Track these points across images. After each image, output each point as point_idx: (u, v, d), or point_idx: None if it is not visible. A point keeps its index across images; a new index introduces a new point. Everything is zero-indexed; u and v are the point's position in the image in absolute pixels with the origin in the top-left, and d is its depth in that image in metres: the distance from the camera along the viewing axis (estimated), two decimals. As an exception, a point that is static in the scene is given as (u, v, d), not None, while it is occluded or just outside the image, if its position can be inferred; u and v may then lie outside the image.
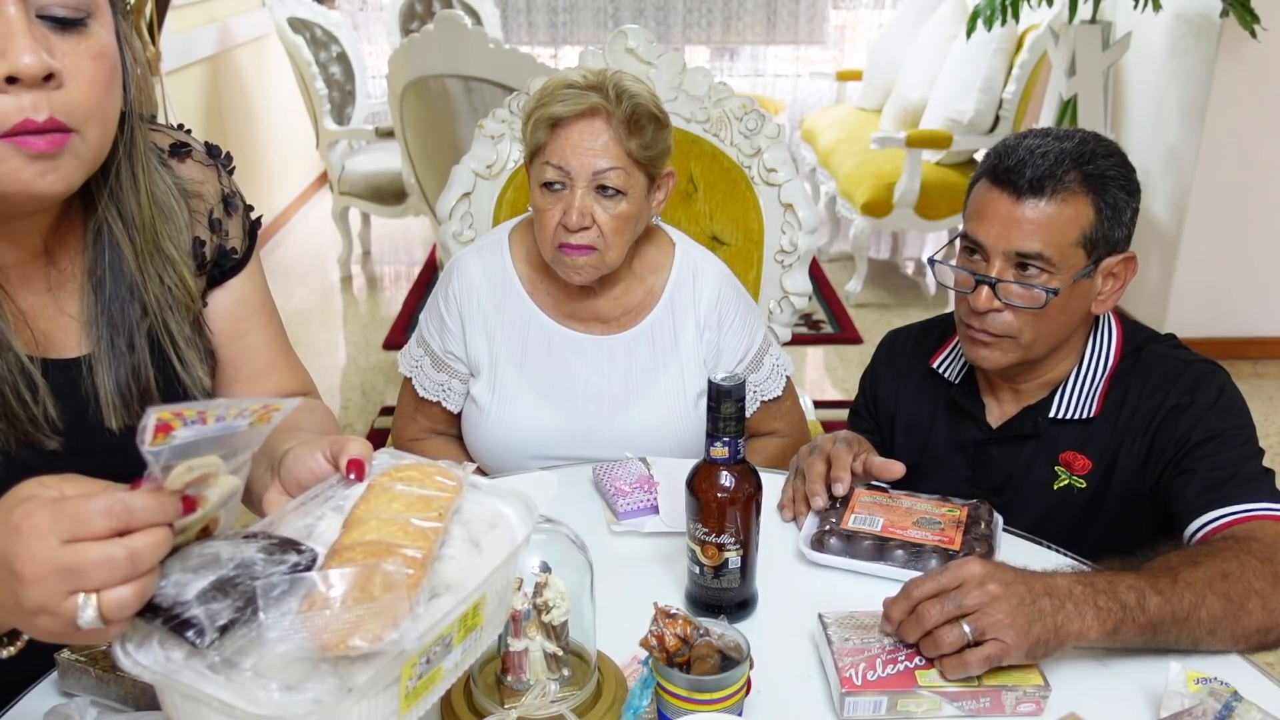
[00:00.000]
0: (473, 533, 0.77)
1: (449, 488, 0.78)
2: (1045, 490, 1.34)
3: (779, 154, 1.82)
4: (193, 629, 0.63)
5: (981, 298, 1.25)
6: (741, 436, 1.04)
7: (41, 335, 0.93)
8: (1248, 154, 3.54)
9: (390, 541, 0.70)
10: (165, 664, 0.64)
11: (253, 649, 0.65)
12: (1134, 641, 1.00)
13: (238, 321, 1.09)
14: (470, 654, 0.75)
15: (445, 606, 0.69)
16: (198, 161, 1.05)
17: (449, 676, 0.72)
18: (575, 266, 1.43)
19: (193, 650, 0.64)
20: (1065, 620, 0.96)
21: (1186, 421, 1.24)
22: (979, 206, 1.27)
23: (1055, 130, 1.28)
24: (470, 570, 0.73)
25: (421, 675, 0.69)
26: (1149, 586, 1.00)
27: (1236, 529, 1.13)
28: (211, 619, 0.64)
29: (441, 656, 0.70)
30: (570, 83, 1.40)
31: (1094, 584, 0.99)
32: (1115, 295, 1.31)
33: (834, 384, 3.66)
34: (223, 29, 4.43)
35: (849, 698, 0.95)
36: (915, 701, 0.95)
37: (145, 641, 0.65)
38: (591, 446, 1.50)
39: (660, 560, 1.22)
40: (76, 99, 0.80)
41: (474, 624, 0.73)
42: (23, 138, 0.77)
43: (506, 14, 5.74)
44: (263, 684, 0.63)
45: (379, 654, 0.64)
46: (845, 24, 6.05)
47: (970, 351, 1.32)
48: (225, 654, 0.64)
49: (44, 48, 0.77)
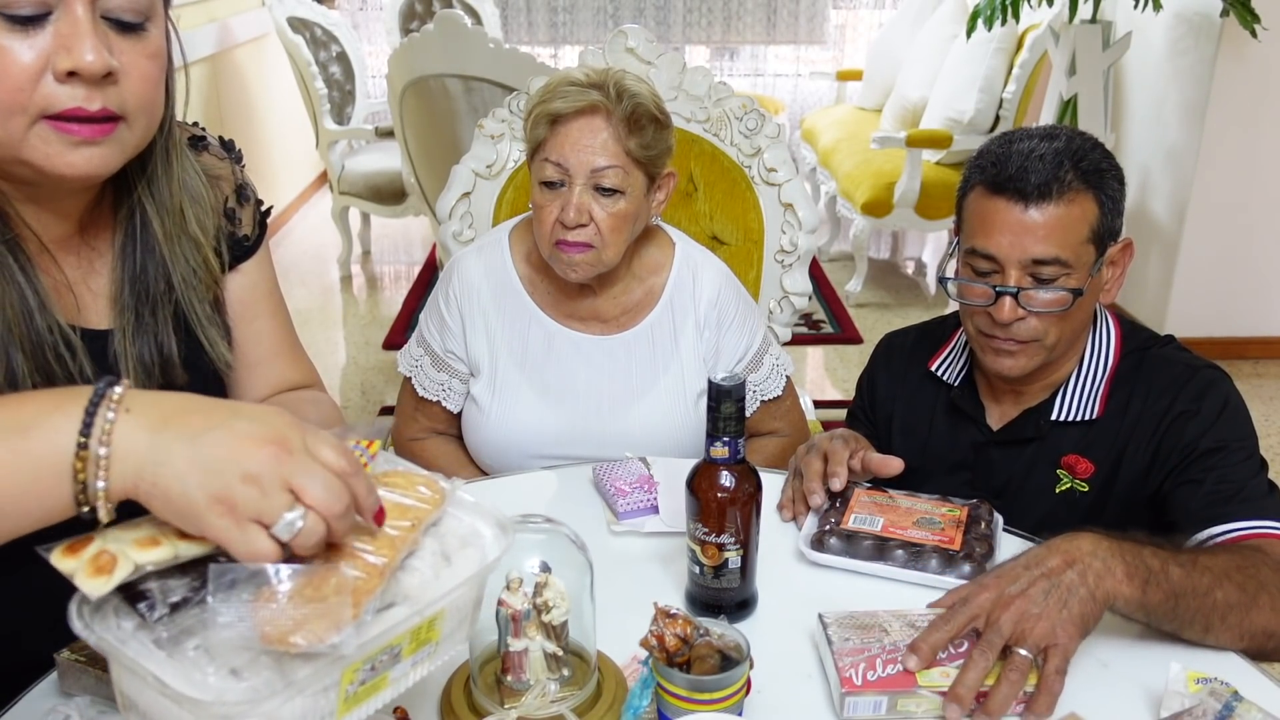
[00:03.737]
0: (445, 547, 0.77)
1: (428, 499, 0.77)
2: (1047, 494, 1.34)
3: (779, 154, 1.82)
4: (145, 601, 0.64)
5: (1005, 309, 1.23)
6: (741, 436, 1.04)
7: (78, 305, 0.99)
8: (1248, 154, 3.54)
9: (354, 545, 0.70)
10: (115, 632, 0.65)
11: (200, 630, 0.65)
12: (1160, 609, 1.00)
13: (247, 306, 1.14)
14: (421, 667, 0.74)
15: (397, 617, 0.69)
16: (214, 155, 1.11)
17: (395, 685, 0.72)
18: (572, 264, 1.43)
19: (141, 623, 0.65)
20: (1097, 580, 0.96)
21: (1193, 430, 1.24)
22: (984, 218, 1.25)
23: (1035, 130, 1.27)
24: (433, 584, 0.73)
25: (364, 681, 0.68)
26: (1171, 558, 1.01)
27: (1243, 545, 1.13)
28: (164, 594, 0.65)
29: (388, 666, 0.70)
30: (572, 80, 1.40)
31: (1119, 544, 1.00)
32: (1118, 283, 1.31)
33: (834, 384, 3.66)
34: (223, 28, 4.43)
35: (849, 698, 0.95)
36: (915, 701, 0.95)
37: (102, 608, 0.66)
38: (591, 446, 1.50)
39: (660, 560, 1.22)
40: (129, 93, 0.86)
41: (428, 638, 0.73)
42: (69, 124, 0.83)
43: (506, 14, 5.74)
44: (202, 666, 0.64)
45: (319, 655, 0.64)
46: (845, 24, 6.05)
47: (993, 363, 1.30)
48: (173, 631, 0.65)
49: (106, 47, 0.82)
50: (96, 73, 0.82)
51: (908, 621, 1.02)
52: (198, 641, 0.65)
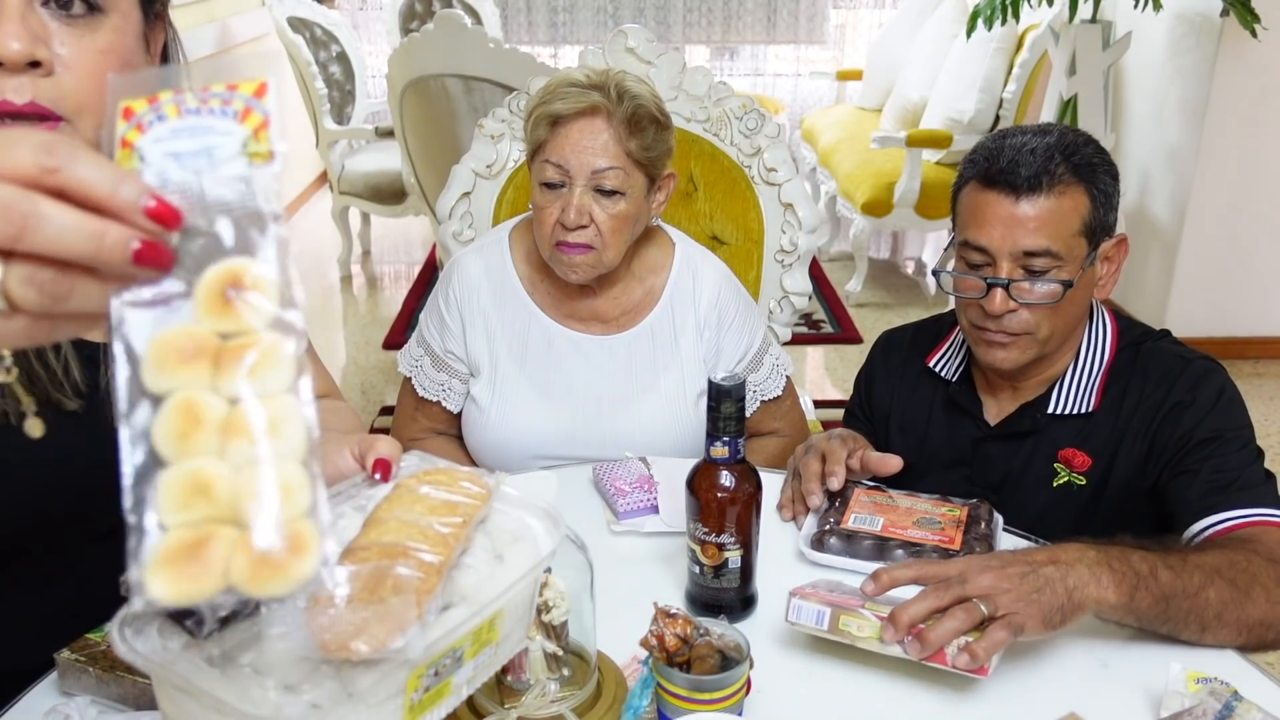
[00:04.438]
0: (496, 544, 0.73)
1: (476, 495, 0.74)
2: (1044, 488, 1.34)
3: (779, 153, 1.82)
4: (192, 618, 0.61)
5: (996, 301, 1.25)
6: (741, 436, 1.04)
7: None
8: (1248, 154, 3.54)
9: (407, 544, 0.65)
10: (162, 653, 0.61)
11: (252, 644, 0.62)
12: (1149, 613, 1.00)
13: None
14: (484, 670, 0.71)
15: (459, 618, 0.65)
16: None
17: (459, 692, 0.69)
18: (572, 265, 1.43)
19: (190, 641, 0.61)
20: (1078, 583, 0.97)
21: (1188, 420, 1.25)
22: (977, 211, 1.27)
23: (1029, 127, 1.29)
24: (489, 582, 0.69)
25: (429, 688, 0.65)
26: (1160, 561, 1.01)
27: (1239, 533, 1.13)
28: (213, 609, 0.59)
29: (451, 670, 0.66)
30: (573, 81, 1.40)
31: (1106, 551, 1.00)
32: (1113, 278, 1.32)
33: (834, 384, 3.66)
34: (222, 28, 4.43)
35: (794, 600, 1.00)
36: (858, 623, 0.97)
37: (144, 628, 0.62)
38: (591, 446, 1.50)
39: (660, 560, 1.22)
40: (68, 88, 0.77)
41: (489, 639, 0.70)
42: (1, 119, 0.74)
43: (506, 14, 5.74)
44: (260, 682, 0.60)
45: (382, 661, 0.60)
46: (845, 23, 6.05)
47: (987, 355, 1.31)
48: (224, 647, 0.62)
49: (39, 35, 0.75)
50: (18, 61, 0.73)
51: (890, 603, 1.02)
52: (251, 656, 0.61)
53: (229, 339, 0.47)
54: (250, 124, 0.49)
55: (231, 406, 0.47)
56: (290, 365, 0.48)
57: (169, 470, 0.47)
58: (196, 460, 0.46)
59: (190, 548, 0.46)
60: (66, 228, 0.45)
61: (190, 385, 0.47)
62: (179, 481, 0.46)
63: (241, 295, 0.47)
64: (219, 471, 0.46)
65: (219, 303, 0.47)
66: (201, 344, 0.47)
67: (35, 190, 0.45)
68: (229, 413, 0.47)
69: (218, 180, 0.49)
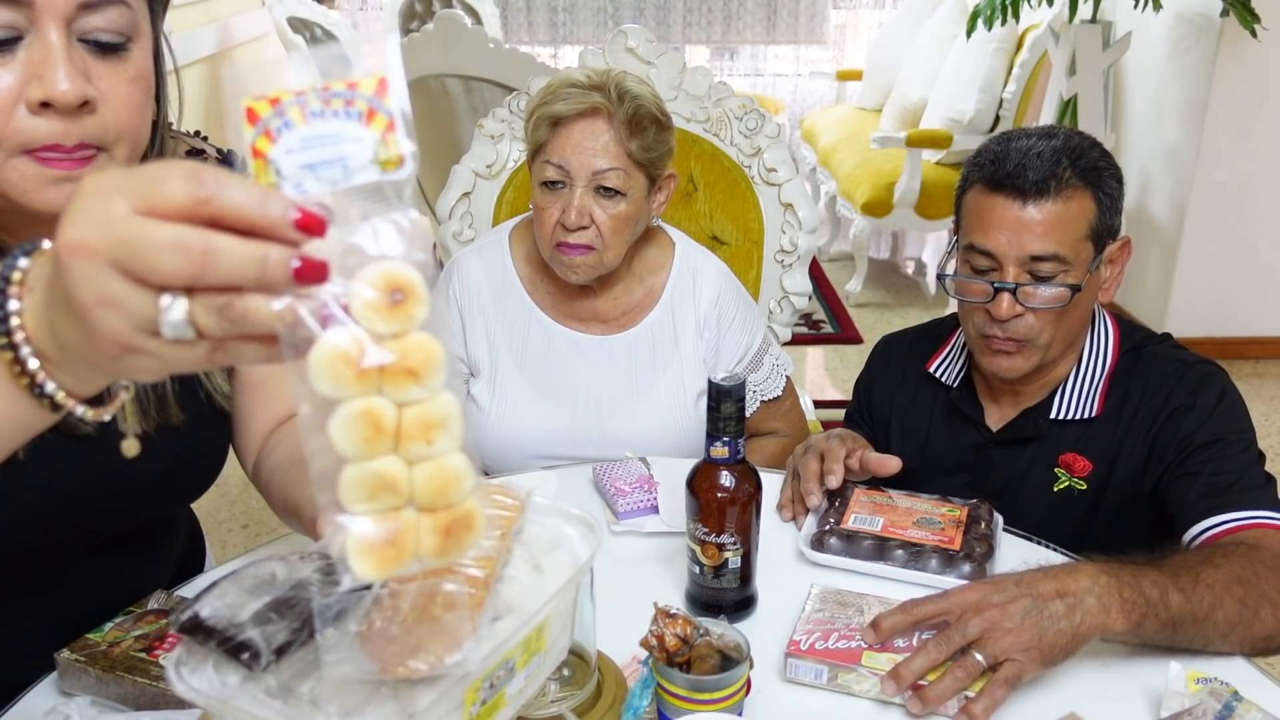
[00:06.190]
0: (534, 554, 0.74)
1: (510, 507, 0.74)
2: (1045, 493, 1.34)
3: (779, 154, 1.82)
4: (248, 651, 0.60)
5: (1004, 305, 1.24)
6: (741, 436, 1.04)
7: None
8: (1248, 154, 3.54)
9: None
10: (221, 689, 0.61)
11: (310, 672, 0.62)
12: (1154, 638, 1.00)
13: None
14: (534, 679, 0.71)
15: (509, 628, 0.65)
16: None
17: (513, 703, 0.68)
18: (572, 266, 1.43)
19: (249, 674, 0.61)
20: (1085, 617, 0.95)
21: (1189, 424, 1.24)
22: (983, 215, 1.25)
23: (1034, 129, 1.28)
24: (533, 591, 0.69)
25: (485, 700, 0.65)
26: (1171, 584, 0.99)
27: (1241, 535, 1.13)
28: (268, 641, 0.60)
29: (505, 681, 0.67)
30: (573, 82, 1.40)
31: (1119, 575, 0.98)
32: (1116, 281, 1.32)
33: (834, 384, 3.67)
34: (222, 28, 4.42)
35: (790, 659, 0.99)
36: (856, 678, 0.97)
37: (200, 665, 0.62)
38: (591, 446, 1.50)
39: (660, 560, 1.22)
40: (109, 121, 0.80)
41: (538, 647, 0.70)
42: (47, 156, 0.77)
43: (506, 14, 5.73)
44: (321, 710, 0.60)
45: (441, 677, 0.60)
46: (845, 24, 6.04)
47: (990, 363, 1.30)
48: (282, 678, 0.61)
49: (82, 73, 0.77)
50: (71, 103, 0.76)
51: (887, 605, 1.03)
52: (309, 685, 0.61)
53: (387, 341, 0.49)
54: (376, 127, 0.49)
55: (401, 409, 0.50)
56: (445, 364, 0.51)
57: (353, 468, 0.50)
58: (378, 460, 0.50)
59: (384, 532, 0.50)
60: (239, 258, 0.47)
61: (363, 391, 0.49)
62: (365, 480, 0.50)
63: (394, 298, 0.49)
64: (399, 471, 0.50)
65: (377, 307, 0.48)
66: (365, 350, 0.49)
67: (194, 222, 0.47)
68: (400, 415, 0.50)
69: (353, 191, 0.50)
